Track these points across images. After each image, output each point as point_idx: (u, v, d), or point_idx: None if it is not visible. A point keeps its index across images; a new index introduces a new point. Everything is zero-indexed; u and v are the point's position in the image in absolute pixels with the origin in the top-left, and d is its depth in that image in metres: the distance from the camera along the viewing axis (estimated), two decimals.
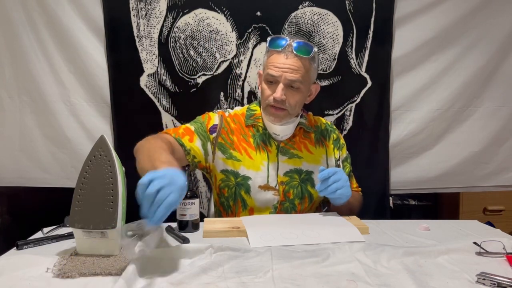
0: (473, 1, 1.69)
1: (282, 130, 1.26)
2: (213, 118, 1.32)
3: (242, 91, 1.73)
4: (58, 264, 0.87)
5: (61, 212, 1.12)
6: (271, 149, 1.29)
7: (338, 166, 1.34)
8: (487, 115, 1.78)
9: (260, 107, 1.31)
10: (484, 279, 0.79)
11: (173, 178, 0.85)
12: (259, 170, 1.26)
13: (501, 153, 1.81)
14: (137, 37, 1.67)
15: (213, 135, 1.28)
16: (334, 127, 1.42)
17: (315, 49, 1.21)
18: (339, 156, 1.36)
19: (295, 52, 1.17)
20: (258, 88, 1.60)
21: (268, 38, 1.24)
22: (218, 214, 1.36)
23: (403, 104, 1.78)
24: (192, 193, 1.13)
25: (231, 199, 1.29)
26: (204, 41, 1.68)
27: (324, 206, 1.55)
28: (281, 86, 1.18)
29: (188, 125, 1.30)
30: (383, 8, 1.69)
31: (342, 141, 1.39)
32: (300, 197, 1.28)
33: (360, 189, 1.42)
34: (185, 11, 1.66)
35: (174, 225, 1.14)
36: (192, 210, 1.12)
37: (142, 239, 1.00)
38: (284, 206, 1.28)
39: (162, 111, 1.72)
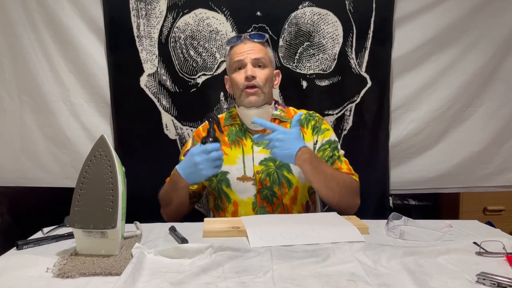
0: (473, 1, 1.69)
1: (257, 114, 1.32)
2: (188, 143, 1.44)
3: None
4: (58, 264, 0.87)
5: (61, 212, 1.12)
6: (246, 142, 1.36)
7: (315, 149, 1.35)
8: (487, 115, 1.78)
9: (236, 108, 1.39)
10: (484, 279, 0.79)
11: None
12: (235, 163, 1.34)
13: (502, 153, 1.81)
14: (137, 37, 1.67)
15: None
16: (317, 114, 1.43)
17: (267, 36, 1.38)
18: (316, 140, 1.36)
19: (251, 39, 1.34)
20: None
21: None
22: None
23: (403, 104, 1.77)
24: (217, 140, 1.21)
25: (218, 197, 1.36)
26: (204, 41, 1.68)
27: (324, 206, 1.55)
28: (249, 65, 1.30)
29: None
30: (383, 8, 1.69)
31: (325, 126, 1.39)
32: (277, 183, 1.32)
33: (355, 174, 1.36)
34: (185, 11, 1.66)
35: (175, 225, 1.14)
36: None
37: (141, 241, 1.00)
38: (264, 194, 1.32)
39: (162, 111, 1.73)
